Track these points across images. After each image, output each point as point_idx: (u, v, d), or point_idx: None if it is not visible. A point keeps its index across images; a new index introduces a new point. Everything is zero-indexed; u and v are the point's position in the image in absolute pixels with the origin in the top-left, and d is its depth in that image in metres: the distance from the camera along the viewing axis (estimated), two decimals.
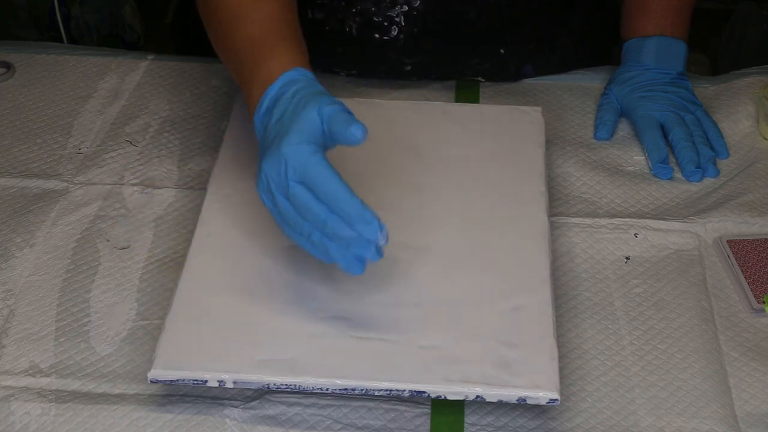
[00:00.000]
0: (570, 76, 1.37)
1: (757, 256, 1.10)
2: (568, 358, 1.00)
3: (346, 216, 0.90)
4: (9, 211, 1.15)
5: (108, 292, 1.06)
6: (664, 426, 0.95)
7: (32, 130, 1.27)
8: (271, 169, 0.92)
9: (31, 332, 1.02)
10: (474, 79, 1.35)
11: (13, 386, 0.97)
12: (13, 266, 1.09)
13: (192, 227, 1.08)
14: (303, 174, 0.91)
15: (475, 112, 1.23)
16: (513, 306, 0.98)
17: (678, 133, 1.22)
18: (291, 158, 0.91)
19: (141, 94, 1.33)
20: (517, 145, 1.17)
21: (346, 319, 0.96)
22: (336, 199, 0.90)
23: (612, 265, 1.10)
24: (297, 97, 0.95)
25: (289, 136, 0.92)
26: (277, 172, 0.92)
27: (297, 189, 0.91)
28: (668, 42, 1.29)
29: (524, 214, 1.08)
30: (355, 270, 0.91)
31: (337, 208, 0.90)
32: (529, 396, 0.91)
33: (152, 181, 1.19)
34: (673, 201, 1.18)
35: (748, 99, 1.30)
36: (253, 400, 0.96)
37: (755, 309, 1.05)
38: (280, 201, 0.93)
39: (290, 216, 0.93)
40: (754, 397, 0.98)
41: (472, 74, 1.35)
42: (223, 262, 1.02)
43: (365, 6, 1.29)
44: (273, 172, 0.92)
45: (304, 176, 0.91)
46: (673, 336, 1.03)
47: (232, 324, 0.96)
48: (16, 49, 1.41)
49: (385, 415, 0.95)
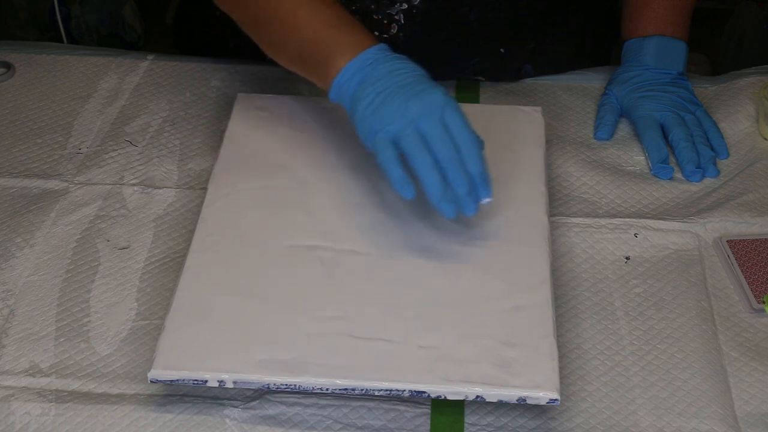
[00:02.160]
0: (570, 76, 1.37)
1: (757, 256, 1.10)
2: (568, 358, 1.00)
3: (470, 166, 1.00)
4: (9, 211, 1.15)
5: (108, 292, 1.06)
6: (664, 426, 0.95)
7: (32, 130, 1.27)
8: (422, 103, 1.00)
9: (31, 332, 1.02)
10: (474, 78, 1.35)
11: (13, 386, 0.97)
12: (13, 266, 1.09)
13: (192, 227, 1.08)
14: (454, 116, 1.01)
15: (475, 112, 1.22)
16: (513, 306, 0.98)
17: (678, 134, 1.22)
18: (448, 100, 1.01)
19: (141, 94, 1.33)
20: (517, 145, 1.17)
21: (346, 319, 0.96)
22: (468, 149, 1.00)
23: (612, 265, 1.10)
24: None
25: (437, 87, 1.01)
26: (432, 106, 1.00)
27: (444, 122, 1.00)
28: (668, 42, 1.29)
29: (524, 214, 1.08)
30: (452, 209, 0.99)
31: (466, 155, 1.00)
32: (529, 396, 0.91)
33: (152, 181, 1.19)
34: (673, 201, 1.18)
35: (748, 99, 1.30)
36: (253, 400, 0.96)
37: (755, 309, 1.05)
38: (430, 127, 1.00)
39: (428, 145, 0.99)
40: (754, 397, 0.98)
41: (472, 74, 1.35)
42: (223, 262, 1.02)
43: (365, 4, 1.29)
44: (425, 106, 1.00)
45: (454, 117, 1.00)
46: (673, 336, 1.03)
47: (232, 324, 0.96)
48: (16, 49, 1.41)
49: (385, 415, 0.95)
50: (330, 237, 1.04)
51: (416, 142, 1.00)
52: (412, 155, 1.00)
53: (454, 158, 0.99)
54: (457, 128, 1.00)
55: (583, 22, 1.40)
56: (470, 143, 1.00)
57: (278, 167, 1.12)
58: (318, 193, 1.09)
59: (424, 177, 0.99)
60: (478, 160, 1.00)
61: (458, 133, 1.00)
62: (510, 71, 1.35)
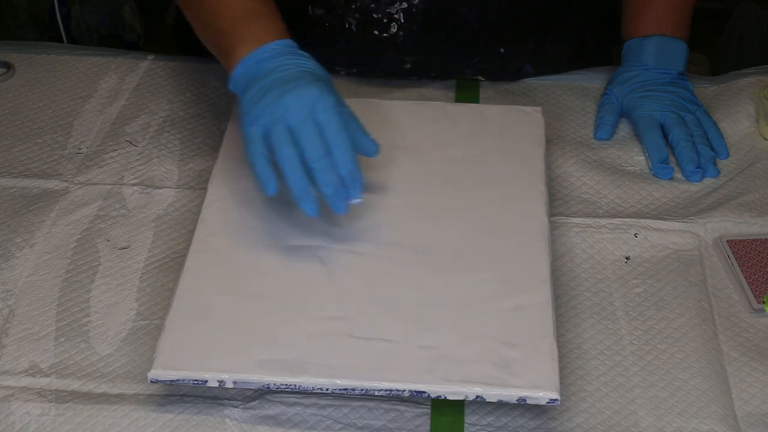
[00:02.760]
0: (570, 76, 1.37)
1: (757, 256, 1.10)
2: (568, 358, 1.00)
3: (341, 166, 0.98)
4: (9, 211, 1.15)
5: (108, 292, 1.06)
6: (664, 426, 0.95)
7: (32, 130, 1.27)
8: (296, 100, 0.99)
9: (31, 332, 1.02)
10: (474, 78, 1.35)
11: (13, 386, 0.97)
12: (13, 266, 1.09)
13: (192, 227, 1.08)
14: (326, 113, 0.99)
15: (475, 112, 1.23)
16: (513, 306, 0.98)
17: (678, 134, 1.22)
18: (323, 96, 0.99)
19: (141, 94, 1.33)
20: (517, 145, 1.17)
21: (346, 319, 0.96)
22: (339, 148, 0.98)
23: (612, 265, 1.10)
24: None
25: (316, 84, 1.00)
26: (303, 103, 0.99)
27: (315, 121, 0.99)
28: (668, 42, 1.29)
29: (524, 214, 1.08)
30: (312, 208, 0.98)
31: (338, 155, 0.98)
32: (529, 396, 0.91)
33: (152, 181, 1.19)
34: (673, 201, 1.18)
35: (748, 99, 1.30)
36: (253, 400, 0.96)
37: (755, 309, 1.05)
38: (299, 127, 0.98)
39: (293, 142, 0.98)
40: (754, 397, 0.98)
41: (472, 73, 1.35)
42: (223, 261, 1.02)
43: (365, 3, 1.29)
44: (297, 103, 0.99)
45: (326, 115, 0.99)
46: (673, 336, 1.03)
47: (232, 324, 0.96)
48: (16, 49, 1.41)
49: (385, 415, 0.95)
50: (330, 237, 1.04)
51: (283, 137, 0.99)
52: (276, 150, 0.99)
53: (322, 157, 0.98)
54: (329, 126, 0.99)
55: (583, 22, 1.40)
56: (340, 142, 0.98)
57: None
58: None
59: (285, 174, 0.98)
60: (348, 161, 0.98)
61: (329, 132, 0.99)
62: (510, 71, 1.35)
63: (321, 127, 0.99)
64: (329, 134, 0.98)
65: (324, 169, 0.98)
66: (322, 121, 0.99)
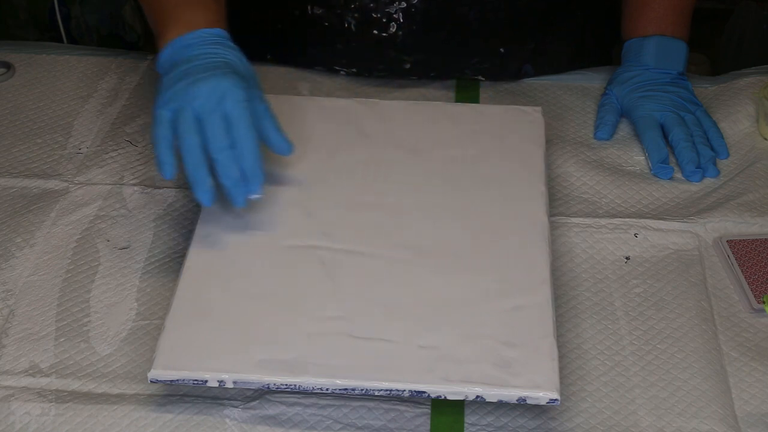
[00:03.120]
0: (570, 76, 1.37)
1: (757, 256, 1.10)
2: (568, 358, 1.00)
3: (243, 160, 0.99)
4: (9, 211, 1.15)
5: (108, 292, 1.06)
6: (664, 426, 0.95)
7: (32, 130, 1.27)
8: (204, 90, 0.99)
9: (31, 332, 1.02)
10: (474, 78, 1.35)
11: (13, 386, 0.97)
12: (13, 266, 1.09)
13: (192, 227, 1.08)
14: (235, 106, 0.99)
15: (475, 112, 1.23)
16: (513, 306, 0.98)
17: (678, 134, 1.22)
18: (234, 89, 0.99)
19: (141, 94, 1.33)
20: (517, 145, 1.17)
21: (346, 319, 0.96)
22: (243, 142, 0.99)
23: (612, 265, 1.10)
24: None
25: (229, 76, 1.00)
26: (211, 95, 0.99)
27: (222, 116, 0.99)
28: (668, 42, 1.29)
29: (524, 214, 1.08)
30: (206, 198, 0.99)
31: (241, 149, 0.99)
32: (529, 396, 0.91)
33: (152, 181, 1.19)
34: (673, 201, 1.18)
35: (748, 99, 1.30)
36: (253, 400, 0.96)
37: (755, 309, 1.05)
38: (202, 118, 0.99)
39: (199, 132, 0.99)
40: (754, 397, 0.98)
41: (472, 73, 1.35)
42: (223, 262, 1.02)
43: (364, 2, 1.29)
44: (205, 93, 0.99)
45: (234, 108, 0.99)
46: (673, 336, 1.03)
47: (232, 324, 0.96)
48: (16, 49, 1.41)
49: (385, 415, 0.95)
50: (330, 237, 1.04)
51: (188, 124, 0.99)
52: (180, 136, 0.99)
53: (224, 148, 0.99)
54: (235, 120, 0.99)
55: (583, 22, 1.40)
56: (244, 136, 0.99)
57: (278, 167, 1.12)
58: (318, 192, 1.10)
59: (185, 161, 0.99)
60: (250, 156, 0.99)
61: (235, 125, 0.99)
62: (510, 71, 1.35)
63: (228, 119, 1.00)
64: (234, 128, 0.99)
65: (225, 161, 0.99)
66: (230, 114, 1.00)
